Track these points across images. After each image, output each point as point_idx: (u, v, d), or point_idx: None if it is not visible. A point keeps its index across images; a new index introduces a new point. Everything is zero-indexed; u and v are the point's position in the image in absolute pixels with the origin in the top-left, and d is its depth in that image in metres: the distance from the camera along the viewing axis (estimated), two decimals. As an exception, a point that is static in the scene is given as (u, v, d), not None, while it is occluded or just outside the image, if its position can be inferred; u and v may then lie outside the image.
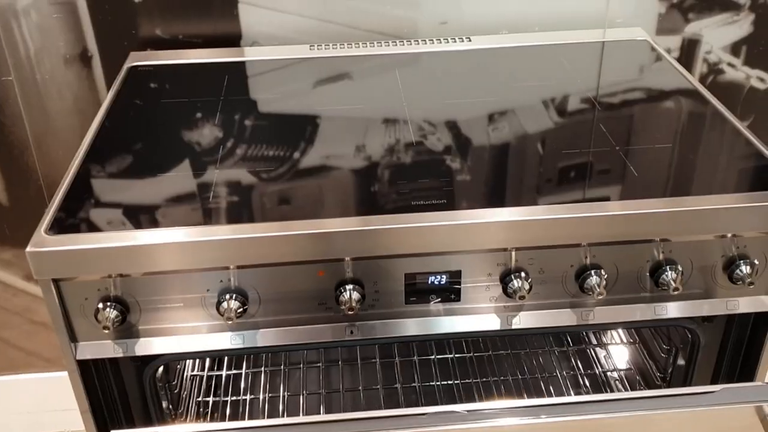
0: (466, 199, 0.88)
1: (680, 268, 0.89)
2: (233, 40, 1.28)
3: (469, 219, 0.85)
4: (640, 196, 0.88)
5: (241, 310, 0.85)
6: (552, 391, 1.23)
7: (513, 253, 0.88)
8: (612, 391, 1.22)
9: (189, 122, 1.05)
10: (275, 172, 0.93)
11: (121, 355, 0.89)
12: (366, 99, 1.12)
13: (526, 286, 0.88)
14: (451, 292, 0.89)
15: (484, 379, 1.20)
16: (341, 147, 0.99)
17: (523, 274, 0.88)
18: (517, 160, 0.97)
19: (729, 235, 0.89)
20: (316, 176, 0.93)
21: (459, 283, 0.89)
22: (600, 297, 0.88)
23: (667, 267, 0.89)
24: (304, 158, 0.97)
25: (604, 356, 1.29)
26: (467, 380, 1.25)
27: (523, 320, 0.92)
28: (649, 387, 1.19)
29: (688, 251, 0.90)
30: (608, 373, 1.26)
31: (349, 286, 0.86)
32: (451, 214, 0.85)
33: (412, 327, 0.91)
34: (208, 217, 0.86)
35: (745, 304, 0.94)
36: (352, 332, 0.90)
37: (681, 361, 1.08)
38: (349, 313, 0.85)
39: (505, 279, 0.89)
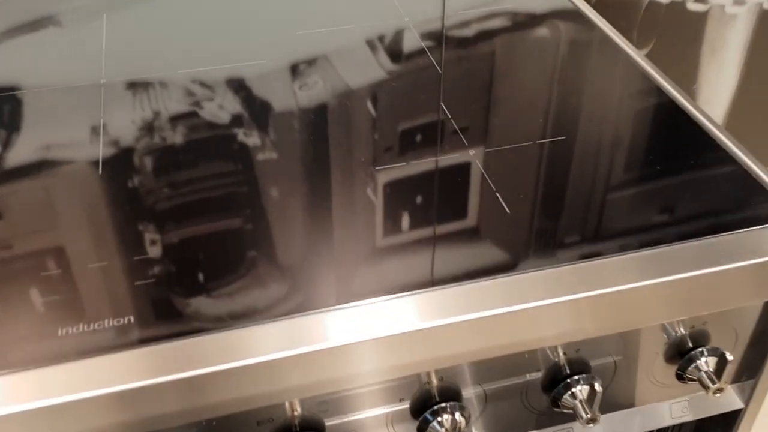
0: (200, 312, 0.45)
1: (598, 387, 0.50)
2: None
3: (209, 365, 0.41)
4: (515, 266, 0.47)
5: None
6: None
7: (294, 401, 0.46)
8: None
9: None
10: None
11: None
12: (92, 55, 0.66)
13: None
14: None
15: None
16: (67, 132, 0.56)
17: (310, 446, 0.46)
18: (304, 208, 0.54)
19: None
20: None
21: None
22: (459, 456, 0.48)
23: (575, 378, 0.50)
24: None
25: None
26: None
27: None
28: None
29: (608, 344, 0.50)
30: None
31: None
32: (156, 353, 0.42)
33: None
34: None
35: (699, 406, 0.57)
36: None
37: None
38: None
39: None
